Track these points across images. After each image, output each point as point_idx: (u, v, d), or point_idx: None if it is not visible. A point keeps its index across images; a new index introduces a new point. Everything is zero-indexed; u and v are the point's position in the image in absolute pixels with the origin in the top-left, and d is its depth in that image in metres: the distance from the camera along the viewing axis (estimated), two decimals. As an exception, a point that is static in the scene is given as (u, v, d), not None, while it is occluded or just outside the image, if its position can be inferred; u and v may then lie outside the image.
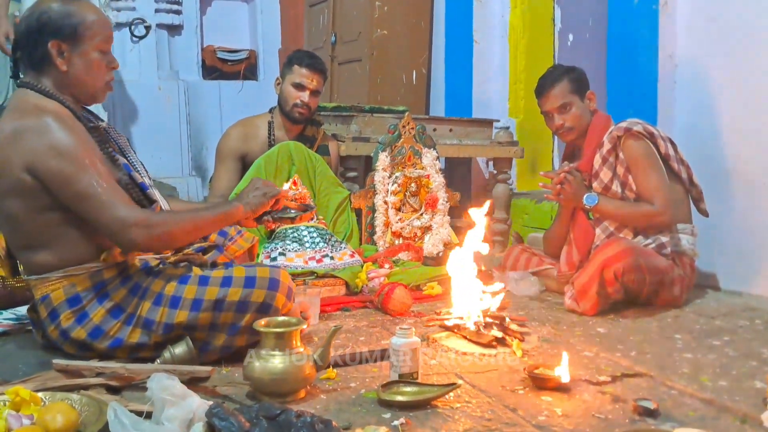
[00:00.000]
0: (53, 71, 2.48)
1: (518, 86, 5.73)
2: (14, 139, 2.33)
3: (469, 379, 2.40)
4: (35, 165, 2.32)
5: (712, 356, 2.68)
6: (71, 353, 2.49)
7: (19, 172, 2.33)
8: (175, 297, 2.45)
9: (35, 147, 2.31)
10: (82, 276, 2.44)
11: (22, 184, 2.35)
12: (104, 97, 2.66)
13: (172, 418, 1.79)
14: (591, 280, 3.23)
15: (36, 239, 2.44)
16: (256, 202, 2.68)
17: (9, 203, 2.40)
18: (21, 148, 2.32)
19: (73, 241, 2.44)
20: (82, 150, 2.35)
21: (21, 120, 2.35)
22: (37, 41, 2.44)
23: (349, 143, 4.60)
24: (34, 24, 2.44)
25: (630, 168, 3.47)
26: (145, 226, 2.35)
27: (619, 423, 2.04)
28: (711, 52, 3.89)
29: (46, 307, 2.45)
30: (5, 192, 2.39)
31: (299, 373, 2.18)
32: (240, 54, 8.07)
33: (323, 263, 3.77)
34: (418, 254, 4.09)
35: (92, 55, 2.50)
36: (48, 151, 2.31)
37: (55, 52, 2.44)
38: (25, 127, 2.33)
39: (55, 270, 2.44)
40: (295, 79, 4.31)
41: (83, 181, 2.31)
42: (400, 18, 6.31)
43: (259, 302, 2.48)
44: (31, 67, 2.49)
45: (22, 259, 2.54)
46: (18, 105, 2.43)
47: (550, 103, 3.64)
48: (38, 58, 2.46)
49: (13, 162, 2.33)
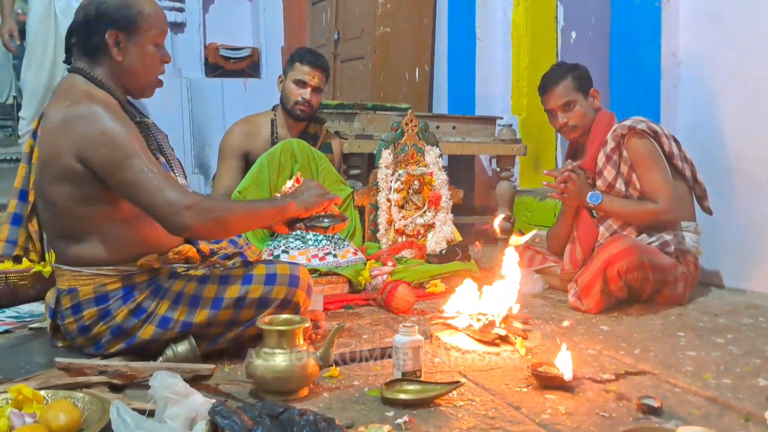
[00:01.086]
0: (107, 61, 2.49)
1: (521, 83, 5.73)
2: (65, 126, 2.33)
3: (473, 377, 2.40)
4: (86, 152, 2.31)
5: (715, 354, 2.68)
6: (81, 345, 2.49)
7: (69, 159, 2.32)
8: (195, 296, 2.45)
9: (87, 134, 2.30)
10: (116, 277, 2.44)
11: (71, 171, 2.34)
12: (153, 91, 2.65)
13: (174, 416, 1.79)
14: (594, 278, 3.23)
15: (75, 231, 2.43)
16: (311, 200, 2.63)
17: (54, 190, 2.39)
18: (72, 136, 2.32)
19: (111, 240, 2.44)
20: (133, 137, 2.35)
21: (72, 107, 2.34)
22: (94, 30, 2.45)
23: (352, 141, 4.60)
24: (92, 12, 2.45)
25: (634, 166, 3.46)
26: (199, 209, 2.30)
27: (622, 421, 2.04)
28: (714, 49, 3.88)
29: (70, 299, 2.44)
30: (52, 178, 2.38)
31: (302, 371, 2.18)
32: (243, 51, 8.08)
33: (326, 261, 3.76)
34: (422, 252, 4.08)
35: (147, 47, 2.51)
36: (99, 137, 2.30)
37: (112, 41, 2.45)
38: (76, 114, 2.33)
39: (88, 265, 2.43)
40: (297, 76, 4.31)
41: (134, 167, 2.29)
42: (403, 15, 6.32)
43: (280, 298, 2.49)
44: (86, 54, 2.50)
45: (56, 247, 2.52)
46: (68, 91, 2.42)
47: (553, 101, 3.63)
48: (93, 46, 2.47)
49: (64, 149, 2.33)
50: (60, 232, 2.47)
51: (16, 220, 2.64)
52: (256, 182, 4.06)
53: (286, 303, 2.50)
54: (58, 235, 2.49)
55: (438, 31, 6.51)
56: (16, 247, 2.64)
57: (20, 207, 2.65)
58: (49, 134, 2.37)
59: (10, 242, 2.64)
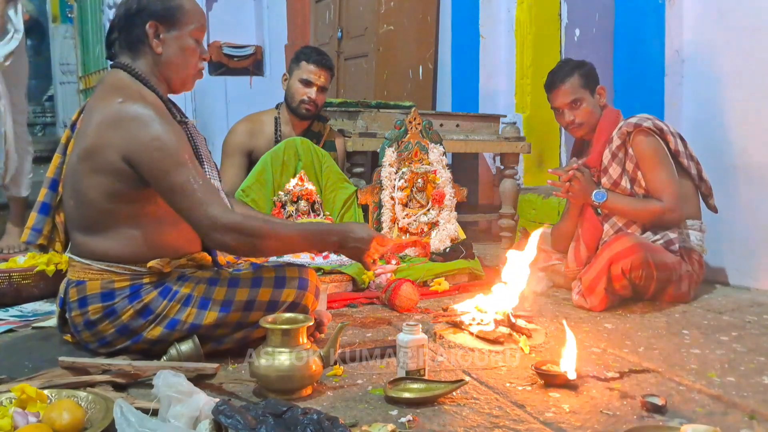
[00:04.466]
0: (148, 53, 2.52)
1: (525, 81, 5.72)
2: (116, 123, 2.34)
3: (477, 376, 2.40)
4: (136, 154, 2.32)
5: (720, 352, 2.67)
6: (86, 341, 2.50)
7: (114, 156, 2.34)
8: (205, 298, 2.46)
9: (138, 137, 2.32)
10: (125, 275, 2.45)
11: (112, 167, 2.35)
12: (193, 85, 2.68)
13: (178, 415, 1.79)
14: (599, 276, 3.23)
15: (96, 224, 2.44)
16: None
17: (88, 181, 2.40)
18: (122, 134, 2.33)
19: (129, 239, 2.44)
20: (183, 145, 2.38)
21: (124, 105, 2.36)
22: (135, 22, 2.49)
23: (355, 139, 4.60)
24: (133, 6, 2.49)
25: (639, 164, 3.46)
26: (238, 231, 2.34)
27: (626, 419, 2.04)
28: (718, 46, 3.88)
29: (78, 292, 2.45)
30: (92, 169, 2.39)
31: (306, 370, 2.18)
32: (246, 50, 8.09)
33: (330, 259, 3.76)
34: (425, 250, 4.07)
35: (187, 40, 2.55)
36: (151, 142, 2.31)
37: (152, 32, 2.49)
38: (129, 114, 2.34)
39: (100, 260, 2.44)
40: (302, 75, 4.31)
41: (182, 176, 2.32)
42: (407, 13, 6.31)
43: (289, 302, 2.51)
44: (127, 48, 2.53)
45: (74, 237, 2.54)
46: (119, 88, 2.44)
47: (560, 98, 3.62)
48: (134, 39, 2.51)
49: (111, 145, 2.34)
50: (80, 223, 2.48)
51: (44, 209, 2.67)
52: (260, 180, 4.06)
53: (295, 306, 2.52)
54: (78, 225, 2.50)
55: (441, 29, 6.51)
56: (40, 235, 2.65)
57: (49, 196, 2.67)
58: (96, 127, 2.38)
59: (35, 230, 2.65)
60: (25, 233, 2.68)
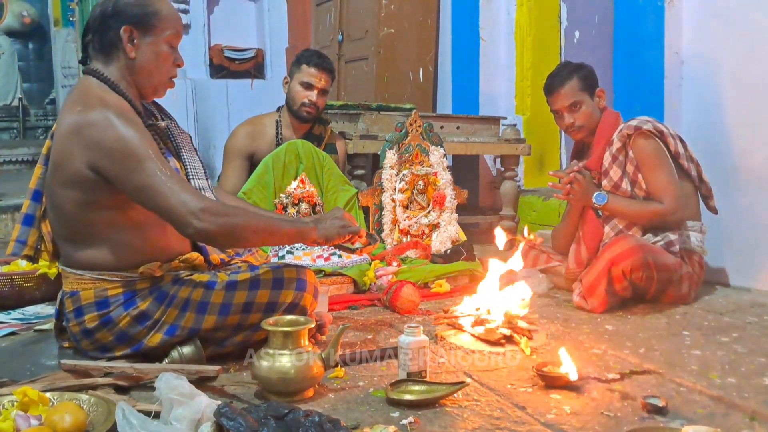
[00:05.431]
0: (121, 58, 2.49)
1: (525, 83, 5.73)
2: (77, 132, 2.33)
3: (478, 377, 2.40)
4: (99, 160, 2.30)
5: (720, 353, 2.68)
6: (86, 349, 2.50)
7: (79, 165, 2.32)
8: (203, 302, 2.45)
9: (99, 141, 2.30)
10: (117, 282, 2.44)
11: (80, 177, 2.34)
12: (165, 92, 2.65)
13: (180, 418, 1.79)
14: (599, 278, 3.23)
15: (80, 235, 2.44)
16: (332, 233, 2.59)
17: (62, 194, 2.39)
18: (84, 142, 2.31)
19: (115, 246, 2.44)
20: (146, 142, 2.34)
21: (84, 113, 2.34)
22: (109, 25, 2.47)
23: (356, 141, 4.60)
24: (109, 9, 2.47)
25: (639, 166, 3.46)
26: (214, 213, 2.29)
27: (627, 420, 2.04)
28: (717, 48, 3.88)
29: (73, 303, 2.45)
30: (61, 182, 2.38)
31: (307, 372, 2.18)
32: (247, 53, 8.09)
33: (331, 261, 3.77)
34: (426, 252, 4.08)
35: (161, 46, 2.52)
36: (112, 144, 2.29)
37: (126, 37, 2.46)
38: (88, 121, 2.32)
39: (91, 269, 2.44)
40: (303, 78, 4.31)
41: (147, 171, 2.28)
42: (407, 16, 6.32)
43: (288, 303, 2.51)
44: (101, 51, 2.51)
45: (62, 249, 2.54)
46: (82, 96, 2.42)
47: (560, 101, 3.62)
48: (108, 42, 2.48)
49: (75, 154, 2.33)
50: (65, 235, 2.48)
51: (28, 220, 2.64)
52: (261, 183, 4.07)
53: (294, 307, 2.51)
54: (63, 237, 2.49)
55: (442, 32, 6.51)
56: (25, 247, 2.63)
57: (33, 207, 2.64)
58: (61, 139, 2.37)
59: (19, 242, 2.63)
60: (10, 245, 2.65)
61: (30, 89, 12.75)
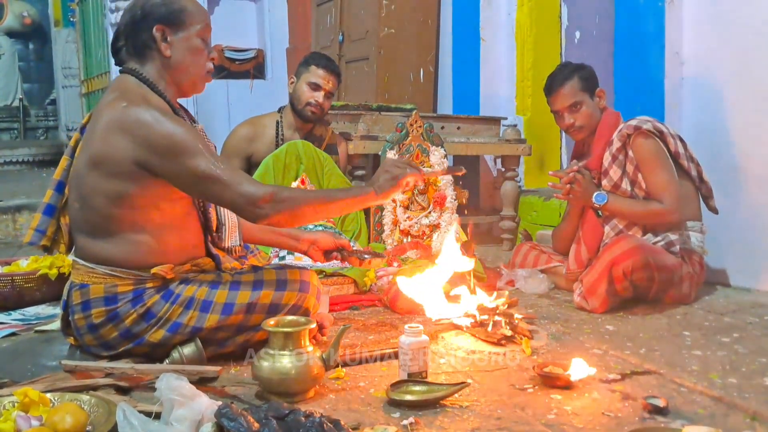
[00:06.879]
0: (156, 57, 2.52)
1: (525, 84, 5.72)
2: (124, 128, 2.34)
3: (478, 378, 2.40)
4: (150, 156, 2.33)
5: (721, 353, 2.68)
6: (89, 344, 2.50)
7: (126, 160, 2.34)
8: (207, 301, 2.47)
9: (149, 139, 2.32)
10: (128, 280, 2.45)
11: (123, 172, 2.36)
12: (203, 86, 2.68)
13: (181, 418, 1.79)
14: (600, 278, 3.23)
15: (100, 228, 2.44)
16: (386, 186, 2.55)
17: (95, 185, 2.40)
18: (132, 139, 2.33)
19: (133, 244, 2.44)
20: (195, 137, 2.37)
21: (129, 110, 2.36)
22: (141, 28, 2.50)
23: (357, 142, 4.60)
24: (138, 12, 2.50)
25: (639, 166, 3.46)
26: (273, 201, 2.35)
27: (628, 421, 2.04)
28: (718, 48, 3.87)
29: (81, 295, 2.46)
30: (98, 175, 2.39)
31: (308, 373, 2.18)
32: (248, 53, 8.09)
33: (332, 262, 3.76)
34: (427, 252, 4.08)
35: (194, 41, 2.54)
36: (163, 141, 2.32)
37: (159, 36, 2.49)
38: (135, 118, 2.34)
39: (104, 264, 2.44)
40: (311, 79, 4.32)
41: (202, 164, 2.33)
42: (408, 16, 6.31)
43: (291, 304, 2.53)
44: (135, 54, 2.53)
45: (78, 240, 2.54)
46: (124, 93, 2.44)
47: (560, 102, 3.62)
48: (142, 44, 2.51)
49: (121, 150, 2.34)
50: (85, 227, 2.48)
51: (49, 210, 2.66)
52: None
53: (296, 308, 2.53)
54: (82, 229, 2.50)
55: (442, 32, 6.51)
56: (44, 236, 2.64)
57: (55, 198, 2.66)
58: (102, 133, 2.38)
59: (39, 231, 2.65)
60: (29, 234, 2.68)
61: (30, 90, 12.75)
